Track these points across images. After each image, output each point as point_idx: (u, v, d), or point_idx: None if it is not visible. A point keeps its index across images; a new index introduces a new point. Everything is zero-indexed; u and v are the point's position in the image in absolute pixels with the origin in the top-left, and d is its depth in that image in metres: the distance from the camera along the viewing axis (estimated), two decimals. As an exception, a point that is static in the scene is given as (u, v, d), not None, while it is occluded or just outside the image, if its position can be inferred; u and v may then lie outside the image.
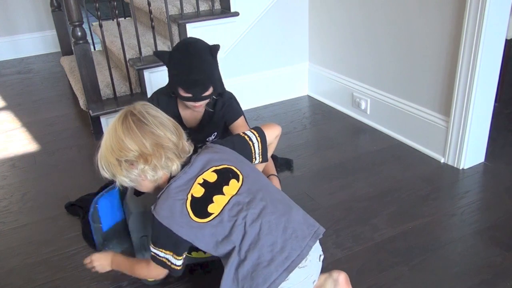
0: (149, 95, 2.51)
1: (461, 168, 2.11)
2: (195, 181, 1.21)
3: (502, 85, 2.48)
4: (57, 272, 1.61)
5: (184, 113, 1.76)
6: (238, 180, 1.22)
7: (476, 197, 1.92)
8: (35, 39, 4.22)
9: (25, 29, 4.17)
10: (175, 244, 1.21)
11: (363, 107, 2.59)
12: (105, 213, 1.53)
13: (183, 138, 1.26)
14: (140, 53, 2.52)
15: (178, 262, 1.24)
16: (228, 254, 1.16)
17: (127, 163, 1.19)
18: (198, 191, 1.19)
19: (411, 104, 2.30)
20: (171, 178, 1.24)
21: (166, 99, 1.74)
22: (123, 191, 1.53)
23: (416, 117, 2.27)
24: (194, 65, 1.59)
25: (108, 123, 2.49)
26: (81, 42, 2.31)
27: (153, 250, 1.23)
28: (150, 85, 2.52)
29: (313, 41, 2.90)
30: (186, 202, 1.18)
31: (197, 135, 1.68)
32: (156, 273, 1.29)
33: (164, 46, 2.62)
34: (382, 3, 2.31)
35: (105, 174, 1.23)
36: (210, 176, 1.22)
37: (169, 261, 1.23)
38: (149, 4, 2.49)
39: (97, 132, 2.52)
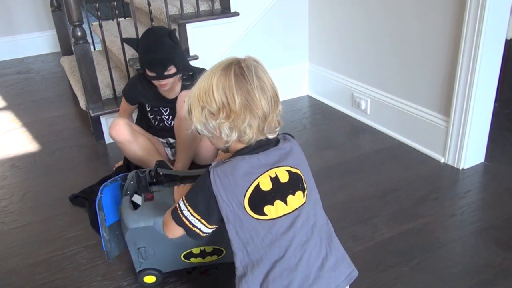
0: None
1: (461, 168, 2.11)
2: (267, 170, 1.09)
3: (502, 85, 2.47)
4: (57, 272, 1.61)
5: (162, 91, 1.97)
6: (303, 195, 1.13)
7: (476, 197, 1.92)
8: (35, 39, 4.22)
9: (25, 29, 4.17)
10: (209, 211, 1.10)
11: (363, 107, 2.59)
12: (108, 206, 1.52)
13: (275, 113, 1.11)
14: (140, 53, 2.52)
15: (205, 229, 1.12)
16: (252, 265, 1.09)
17: (209, 112, 1.09)
18: (265, 183, 1.08)
19: (411, 104, 2.30)
20: (245, 150, 1.11)
21: (147, 81, 1.94)
22: (123, 185, 1.52)
23: (416, 117, 2.27)
24: (153, 46, 1.82)
25: (108, 123, 2.49)
26: (81, 42, 2.31)
27: (181, 204, 1.12)
28: (150, 85, 2.52)
29: (313, 41, 2.90)
30: (248, 188, 1.07)
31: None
32: (173, 228, 1.16)
33: (164, 46, 2.62)
34: (382, 3, 2.31)
35: (187, 114, 1.15)
36: (283, 175, 1.11)
37: (189, 222, 1.11)
38: (149, 4, 2.49)
39: (97, 132, 2.52)
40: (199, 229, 1.12)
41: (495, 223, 1.75)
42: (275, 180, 1.09)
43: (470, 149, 2.08)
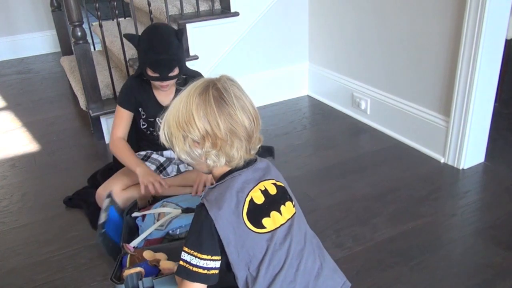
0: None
1: (461, 168, 2.11)
2: (257, 184, 1.09)
3: (502, 85, 2.47)
4: (57, 272, 1.61)
5: (158, 93, 1.87)
6: (292, 205, 1.14)
7: (476, 197, 1.92)
8: (35, 39, 4.22)
9: (25, 29, 4.17)
10: (214, 241, 1.04)
11: (363, 107, 2.59)
12: (112, 231, 1.53)
13: (258, 131, 1.10)
14: (140, 53, 2.52)
15: (215, 263, 1.04)
16: (253, 281, 1.05)
17: (192, 141, 1.05)
18: (258, 197, 1.08)
19: (411, 104, 2.30)
20: (232, 170, 1.10)
21: (139, 82, 1.85)
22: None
23: (416, 117, 2.27)
24: (160, 45, 1.70)
25: (108, 123, 2.49)
26: (81, 42, 2.31)
27: (185, 257, 1.04)
28: (150, 85, 2.52)
29: (313, 41, 2.90)
30: (244, 203, 1.06)
31: None
32: None
33: (164, 46, 2.62)
34: (382, 3, 2.31)
35: (165, 142, 1.10)
36: (271, 187, 1.11)
37: (203, 268, 1.03)
38: (149, 4, 2.49)
39: (97, 132, 2.52)
40: (215, 268, 1.05)
41: (495, 223, 1.75)
42: (265, 192, 1.09)
43: (470, 149, 2.08)
